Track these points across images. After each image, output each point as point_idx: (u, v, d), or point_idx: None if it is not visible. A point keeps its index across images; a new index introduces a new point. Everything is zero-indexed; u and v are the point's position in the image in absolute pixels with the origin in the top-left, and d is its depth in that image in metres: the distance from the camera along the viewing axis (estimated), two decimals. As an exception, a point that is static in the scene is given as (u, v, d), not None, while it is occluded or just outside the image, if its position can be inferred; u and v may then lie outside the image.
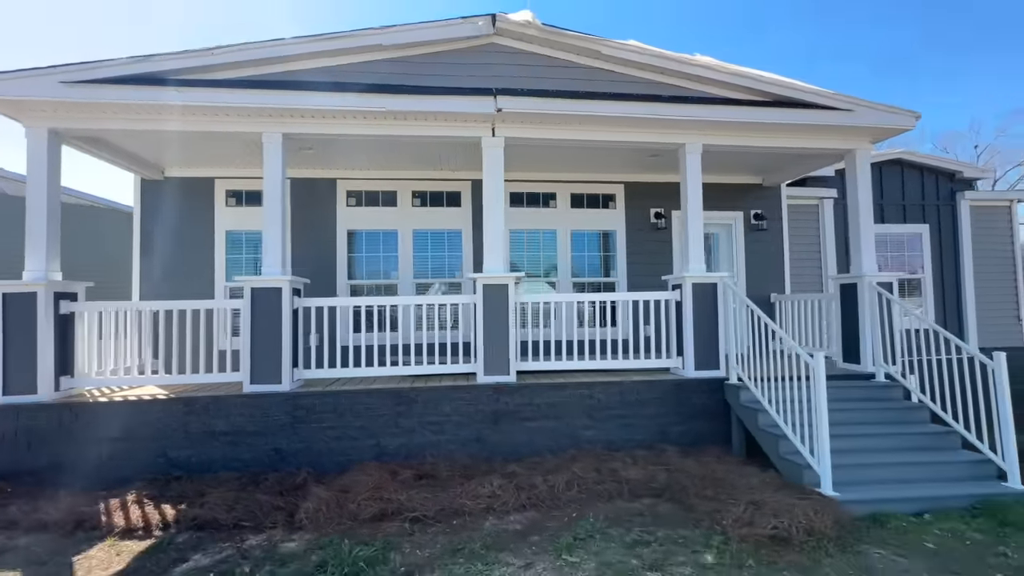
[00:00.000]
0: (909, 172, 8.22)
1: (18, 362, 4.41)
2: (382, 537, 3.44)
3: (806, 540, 3.20)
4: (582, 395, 4.97)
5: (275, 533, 3.55)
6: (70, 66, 4.40)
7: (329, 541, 3.33)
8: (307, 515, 3.73)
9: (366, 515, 3.77)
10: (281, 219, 4.93)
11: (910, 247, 8.17)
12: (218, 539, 3.47)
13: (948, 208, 8.28)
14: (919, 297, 8.15)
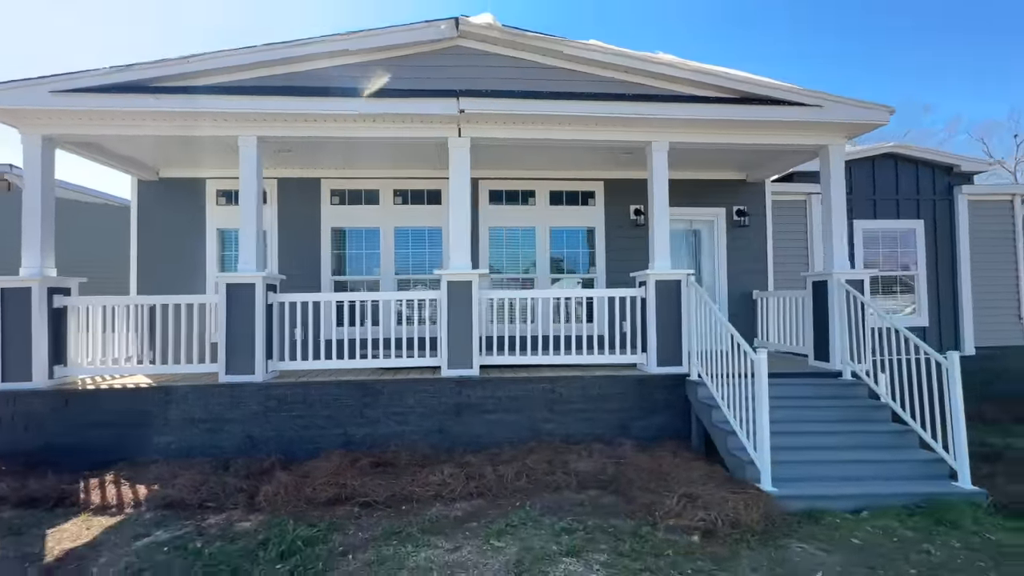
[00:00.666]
0: (904, 166, 8.02)
1: (15, 352, 4.78)
2: (330, 519, 3.65)
3: (730, 532, 3.28)
4: (543, 389, 5.10)
5: (234, 513, 3.80)
6: (58, 76, 4.71)
7: (280, 522, 3.56)
8: (266, 498, 3.98)
9: (321, 499, 4.00)
10: (256, 218, 5.18)
11: (904, 243, 7.99)
12: (181, 517, 3.74)
13: (945, 203, 8.05)
14: (912, 294, 7.97)
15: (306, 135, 5.18)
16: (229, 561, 3.08)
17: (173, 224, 6.80)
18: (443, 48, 5.20)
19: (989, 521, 3.54)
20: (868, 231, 7.92)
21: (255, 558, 3.10)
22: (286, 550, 3.14)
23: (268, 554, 3.13)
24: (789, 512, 3.64)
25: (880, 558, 3.07)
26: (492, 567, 2.96)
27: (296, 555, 3.11)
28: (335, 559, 3.10)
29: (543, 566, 2.94)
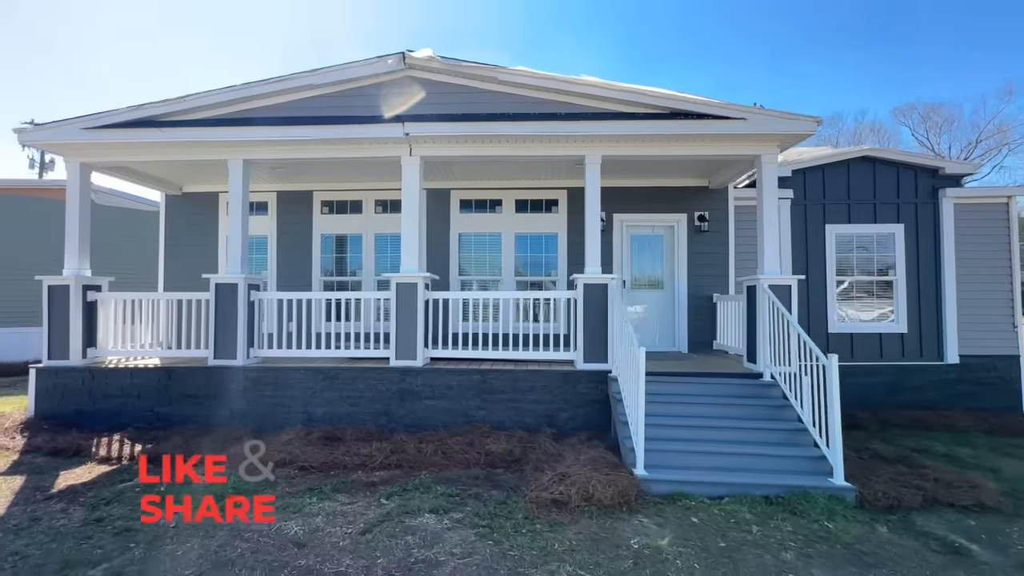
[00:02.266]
0: (882, 169, 7.87)
1: (57, 336, 6.01)
2: (271, 476, 4.47)
3: (580, 505, 3.78)
4: (476, 380, 5.72)
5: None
6: (88, 116, 5.88)
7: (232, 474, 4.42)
8: (228, 459, 4.87)
9: (273, 461, 4.83)
10: (242, 227, 6.14)
11: (881, 247, 7.85)
12: (161, 469, 4.69)
13: (929, 206, 7.83)
14: (889, 299, 7.83)
15: (280, 157, 6.09)
16: (179, 499, 3.95)
17: (193, 231, 8.00)
18: (394, 79, 5.92)
19: (842, 513, 3.78)
20: (842, 235, 7.86)
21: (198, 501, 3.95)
22: (221, 495, 3.98)
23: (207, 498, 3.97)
24: (652, 493, 4.06)
25: (703, 535, 3.46)
26: (367, 517, 3.64)
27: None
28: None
29: (405, 518, 3.59)
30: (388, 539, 3.30)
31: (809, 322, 7.72)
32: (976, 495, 4.07)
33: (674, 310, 7.65)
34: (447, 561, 3.02)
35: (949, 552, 3.31)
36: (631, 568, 2.98)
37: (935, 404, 7.42)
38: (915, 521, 3.76)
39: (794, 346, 4.95)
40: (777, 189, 5.98)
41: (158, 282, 7.99)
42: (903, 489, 4.14)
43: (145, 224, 11.99)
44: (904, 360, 7.71)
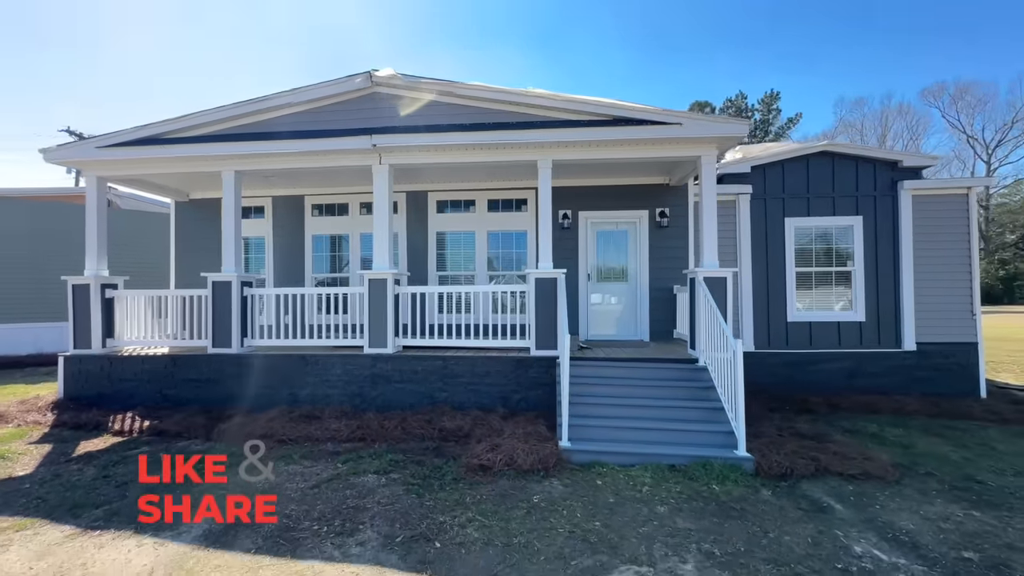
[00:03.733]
0: (841, 163, 8.13)
1: (80, 328, 6.93)
2: (251, 447, 5.22)
3: (503, 470, 4.39)
4: (438, 366, 6.37)
5: (195, 441, 5.53)
6: (102, 136, 6.73)
7: (214, 447, 5.21)
8: (218, 433, 5.67)
9: (255, 435, 5.57)
10: (235, 231, 6.92)
11: (840, 239, 8.14)
12: (163, 440, 5.54)
13: (888, 199, 8.07)
14: (848, 290, 8.12)
15: (267, 168, 6.83)
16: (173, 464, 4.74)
17: (199, 233, 8.86)
18: (363, 95, 6.55)
19: (733, 478, 4.29)
20: (801, 228, 8.18)
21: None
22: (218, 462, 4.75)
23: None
24: (572, 462, 4.64)
25: (599, 492, 4.03)
26: (320, 476, 4.35)
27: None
28: (231, 467, 4.63)
29: (351, 478, 4.28)
30: (331, 492, 3.99)
31: (769, 312, 8.11)
32: (864, 466, 4.52)
33: (636, 301, 8.13)
34: (372, 507, 3.69)
35: (814, 510, 3.80)
36: (522, 515, 3.59)
37: (890, 390, 7.72)
38: (800, 486, 4.24)
39: (718, 334, 5.41)
40: (716, 187, 6.40)
41: (170, 279, 8.90)
42: (800, 460, 4.61)
43: (161, 224, 13.06)
44: (862, 348, 8.01)
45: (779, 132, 34.69)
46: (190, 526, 3.46)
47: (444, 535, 3.29)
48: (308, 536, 3.30)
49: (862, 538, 3.34)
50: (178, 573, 2.89)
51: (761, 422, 5.90)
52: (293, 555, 3.07)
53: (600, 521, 3.51)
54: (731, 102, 35.71)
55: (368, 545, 3.18)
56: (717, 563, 2.98)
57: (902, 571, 2.94)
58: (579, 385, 5.56)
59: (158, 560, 3.03)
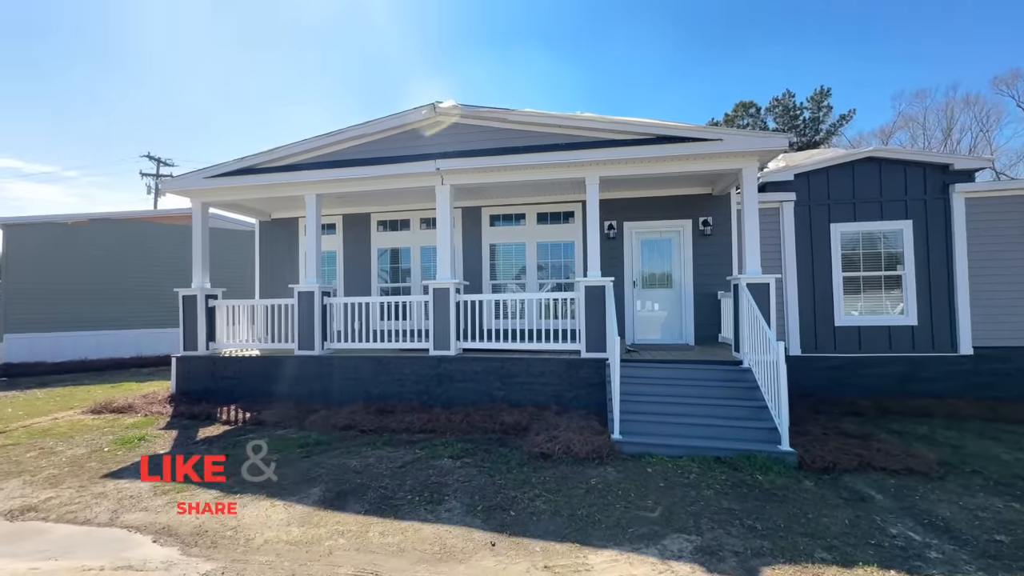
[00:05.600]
0: (888, 168, 8.19)
1: (188, 333, 8.06)
2: (339, 435, 6.03)
3: (561, 457, 4.93)
4: (496, 367, 6.99)
5: (290, 430, 6.39)
6: (207, 168, 7.86)
7: (309, 435, 6.04)
8: (308, 423, 6.53)
9: (339, 425, 6.42)
10: (316, 247, 7.86)
11: (889, 244, 8.18)
12: (263, 429, 6.45)
13: (939, 202, 8.04)
14: (898, 293, 8.13)
15: (343, 191, 7.75)
16: (278, 446, 5.59)
17: (279, 249, 9.97)
18: (428, 124, 7.34)
19: (776, 470, 4.64)
20: (847, 233, 8.28)
21: (291, 447, 5.57)
22: (305, 445, 5.58)
23: (296, 446, 5.58)
24: (623, 452, 5.12)
25: (649, 477, 4.49)
26: (404, 459, 5.04)
27: (309, 447, 5.53)
28: (328, 451, 5.43)
29: (431, 460, 4.95)
30: (416, 471, 4.67)
31: (815, 316, 8.25)
32: (908, 462, 4.74)
33: (681, 307, 8.48)
34: (452, 483, 4.33)
35: (854, 499, 4.11)
36: (582, 494, 4.12)
37: (944, 394, 7.68)
38: (842, 479, 4.54)
39: (761, 336, 5.74)
40: (759, 195, 6.72)
41: (255, 290, 10.05)
42: (843, 456, 4.88)
43: (237, 241, 14.52)
44: (915, 352, 8.00)
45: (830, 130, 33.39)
46: (308, 493, 4.21)
47: (517, 506, 3.87)
48: (404, 504, 3.96)
49: (898, 522, 3.64)
50: (308, 526, 3.61)
51: (806, 423, 6.14)
52: (396, 516, 3.74)
53: (652, 500, 3.98)
54: (777, 101, 34.76)
55: (454, 511, 3.80)
56: (759, 535, 3.39)
57: (933, 549, 3.25)
58: (628, 384, 6.02)
59: (290, 516, 3.78)
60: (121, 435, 6.13)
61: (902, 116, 36.85)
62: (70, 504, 4.08)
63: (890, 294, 8.20)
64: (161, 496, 4.21)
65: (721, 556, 3.13)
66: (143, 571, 3.04)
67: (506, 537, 3.40)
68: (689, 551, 3.20)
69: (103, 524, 3.73)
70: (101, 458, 5.30)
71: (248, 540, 3.41)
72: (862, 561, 3.05)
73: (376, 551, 3.24)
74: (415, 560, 3.13)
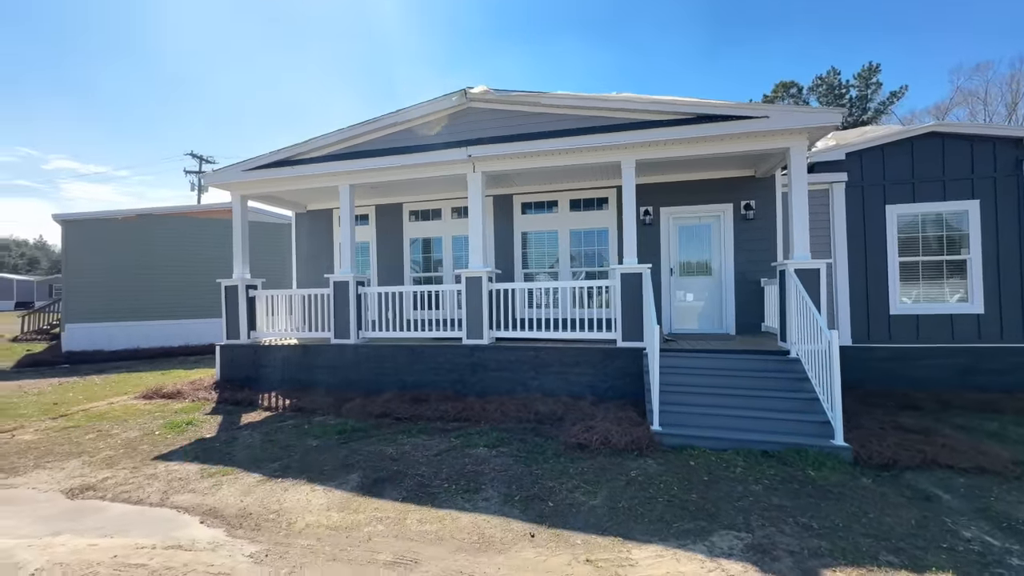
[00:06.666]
0: (953, 144, 7.56)
1: (231, 322, 8.32)
2: (375, 423, 6.09)
3: (599, 448, 4.81)
4: (530, 356, 6.90)
5: (328, 417, 6.50)
6: (245, 161, 8.03)
7: (347, 421, 6.13)
8: (345, 410, 6.63)
9: (375, 413, 6.49)
10: (350, 237, 7.93)
11: (952, 226, 7.58)
12: (302, 415, 6.58)
13: (1011, 179, 7.38)
14: (962, 280, 7.54)
15: (376, 181, 7.75)
16: (317, 432, 5.69)
17: (315, 240, 10.15)
18: (459, 111, 7.24)
19: (830, 466, 4.37)
20: (904, 216, 7.72)
21: (329, 434, 5.65)
22: (343, 431, 5.65)
23: (334, 433, 5.66)
24: (663, 444, 4.94)
25: (692, 471, 4.30)
26: (440, 447, 5.02)
27: (347, 434, 5.60)
28: (365, 438, 5.48)
29: (466, 449, 4.91)
30: (452, 459, 4.64)
31: (868, 304, 7.78)
32: (977, 460, 4.38)
33: (722, 295, 8.14)
34: (488, 472, 4.28)
35: (919, 498, 3.82)
36: (623, 486, 3.98)
37: (1015, 388, 7.11)
38: (903, 476, 4.23)
39: (812, 325, 5.41)
40: (807, 176, 6.31)
41: (292, 280, 10.28)
42: (904, 452, 4.56)
43: (273, 233, 14.89)
44: (980, 342, 7.43)
45: (879, 108, 31.43)
46: (347, 479, 4.25)
47: (555, 497, 3.78)
48: (441, 492, 3.94)
49: (972, 525, 3.35)
50: (347, 512, 3.63)
51: (859, 416, 5.79)
52: (433, 504, 3.72)
53: (697, 494, 3.81)
54: (821, 79, 32.94)
55: (492, 501, 3.75)
56: (815, 534, 3.19)
57: (1016, 555, 2.97)
58: (667, 375, 5.81)
59: (330, 502, 3.81)
60: (171, 419, 6.39)
61: (960, 91, 34.35)
62: (124, 484, 4.26)
63: (952, 280, 7.62)
64: (207, 479, 4.33)
65: (775, 555, 2.94)
66: (192, 551, 3.12)
67: (545, 528, 3.31)
68: (740, 549, 3.03)
69: (154, 504, 3.86)
70: (152, 441, 5.53)
71: (290, 524, 3.46)
72: (935, 566, 2.80)
73: (414, 538, 3.21)
74: (453, 549, 3.09)
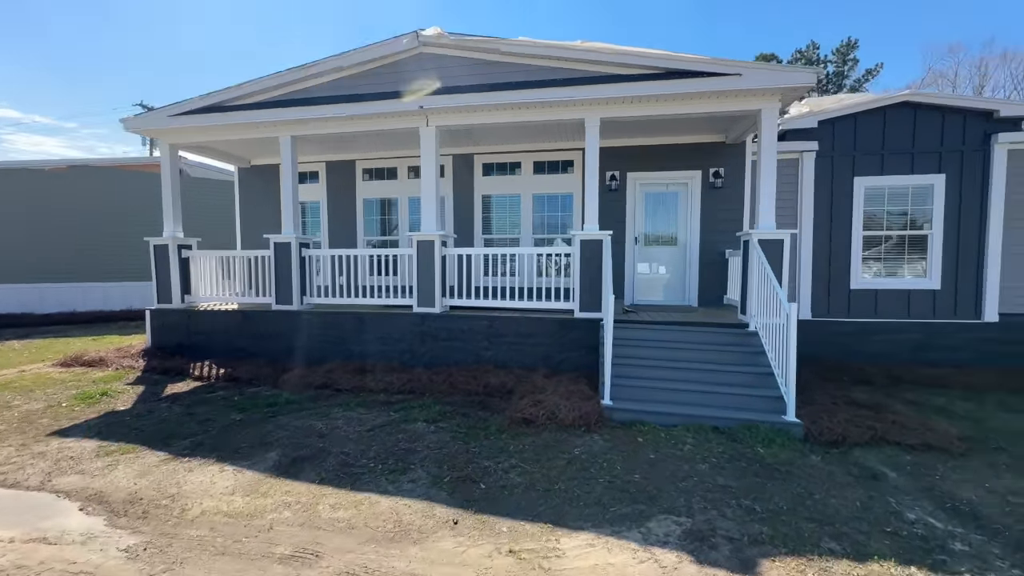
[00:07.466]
0: (925, 115, 7.34)
1: (162, 284, 7.63)
2: (312, 394, 5.67)
3: (545, 424, 4.53)
4: (484, 325, 6.54)
5: (263, 388, 6.04)
6: (171, 105, 7.17)
7: (280, 394, 5.68)
8: (283, 381, 6.17)
9: (315, 384, 6.07)
10: (292, 194, 7.27)
11: (916, 201, 7.46)
12: (235, 386, 6.10)
13: (978, 154, 7.25)
14: (922, 255, 7.48)
15: (318, 132, 7.05)
16: (244, 405, 5.24)
17: (261, 198, 9.38)
18: (411, 56, 6.55)
19: (780, 442, 4.22)
20: (872, 188, 7.54)
21: (258, 406, 5.21)
22: (274, 404, 5.22)
23: (264, 405, 5.23)
24: (613, 420, 4.71)
25: (639, 448, 4.08)
26: (375, 422, 4.66)
27: (278, 407, 5.17)
28: (297, 411, 5.06)
29: (403, 424, 4.57)
30: (385, 435, 4.29)
31: (829, 278, 7.67)
32: (925, 437, 4.29)
33: (686, 265, 7.91)
34: (422, 450, 3.95)
35: (866, 477, 3.68)
36: (563, 465, 3.72)
37: (964, 363, 7.19)
38: (852, 454, 4.11)
39: (771, 298, 5.19)
40: (777, 143, 6.00)
41: (237, 241, 9.54)
42: (855, 428, 4.44)
43: (227, 191, 13.89)
44: (935, 318, 7.45)
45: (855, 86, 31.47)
46: (263, 458, 3.85)
47: (488, 478, 3.48)
48: (365, 472, 3.59)
49: (916, 505, 3.22)
50: (253, 496, 3.25)
51: (814, 391, 5.70)
52: (352, 487, 3.37)
53: (640, 474, 3.58)
54: (801, 53, 32.59)
55: (419, 482, 3.43)
56: (757, 518, 2.99)
57: (959, 540, 2.84)
58: (623, 347, 5.57)
59: (237, 484, 3.42)
60: (85, 390, 5.81)
61: (932, 72, 34.60)
62: (4, 464, 3.75)
63: (912, 256, 7.56)
64: (104, 457, 3.86)
65: (713, 543, 2.72)
66: (57, 544, 2.70)
67: (471, 514, 3.01)
68: (677, 536, 2.80)
69: (32, 488, 3.39)
70: (55, 414, 4.98)
71: (184, 511, 3.06)
72: (877, 554, 2.63)
73: (323, 527, 2.87)
74: (364, 539, 2.75)
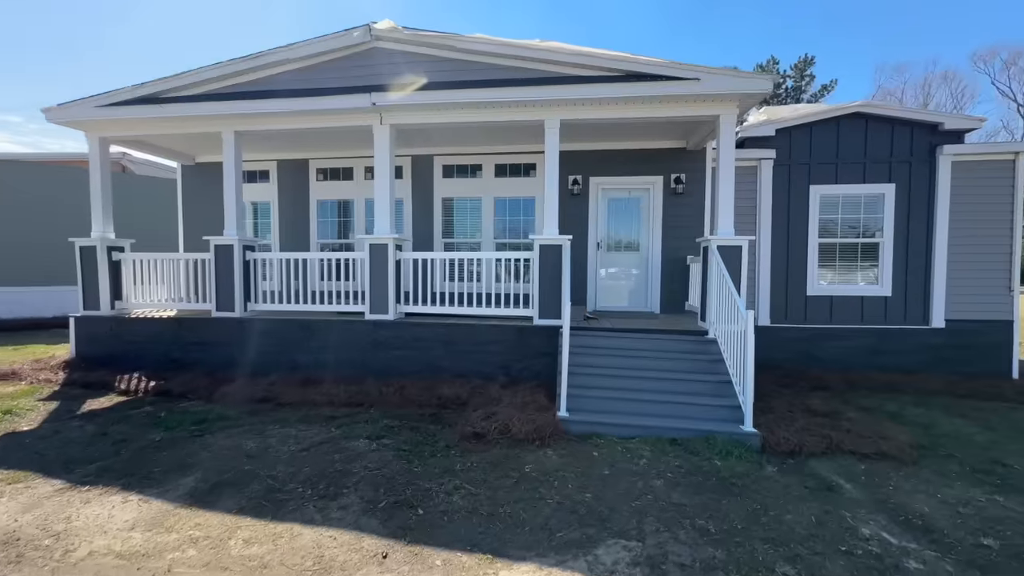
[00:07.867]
0: (876, 126, 7.54)
1: (89, 289, 6.99)
2: (251, 409, 5.24)
3: (497, 438, 4.28)
4: (441, 333, 6.24)
5: (196, 403, 5.56)
6: (101, 95, 6.60)
7: (213, 409, 5.23)
8: (220, 395, 5.70)
9: (256, 398, 5.63)
10: (236, 193, 6.80)
11: (869, 209, 7.63)
12: (165, 401, 5.59)
13: (925, 165, 7.48)
14: (875, 262, 7.65)
15: (265, 128, 6.63)
16: (170, 423, 4.76)
17: (205, 197, 8.79)
18: (364, 51, 6.24)
19: (737, 454, 4.10)
20: (827, 196, 7.67)
21: (184, 424, 4.75)
22: (203, 421, 4.77)
23: (190, 423, 4.77)
24: (570, 432, 4.50)
25: (594, 463, 3.88)
26: (313, 440, 4.30)
27: (207, 424, 4.72)
28: (228, 429, 4.64)
29: (343, 442, 4.23)
30: (321, 455, 3.94)
31: (787, 285, 7.73)
32: (879, 445, 4.27)
33: (648, 272, 7.83)
34: (359, 471, 3.63)
35: (821, 489, 3.59)
36: (512, 485, 3.47)
37: (914, 368, 7.36)
38: (808, 464, 4.03)
39: (730, 304, 5.12)
40: (736, 150, 5.98)
41: (179, 243, 8.92)
42: (810, 437, 4.38)
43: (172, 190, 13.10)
44: (887, 324, 7.61)
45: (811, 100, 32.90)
46: (178, 484, 3.44)
47: (428, 502, 3.19)
48: (291, 498, 3.24)
49: (871, 520, 3.13)
50: (157, 530, 2.86)
51: (772, 398, 5.66)
52: (273, 517, 3.02)
53: (592, 493, 3.37)
54: (761, 68, 33.81)
55: (350, 509, 3.11)
56: (711, 540, 2.81)
57: (912, 556, 2.74)
58: (582, 355, 5.39)
59: (140, 516, 3.01)
60: (-13, 407, 5.19)
61: (881, 89, 36.65)
62: None
63: (865, 263, 7.72)
64: (-13, 488, 3.37)
65: (663, 571, 2.53)
66: (-103, 601, 2.25)
67: (404, 545, 2.72)
68: (626, 563, 2.59)
69: None
70: (-56, 436, 4.39)
71: (67, 552, 2.64)
72: (832, 577, 2.49)
73: (230, 567, 2.52)
74: (277, 580, 2.43)
